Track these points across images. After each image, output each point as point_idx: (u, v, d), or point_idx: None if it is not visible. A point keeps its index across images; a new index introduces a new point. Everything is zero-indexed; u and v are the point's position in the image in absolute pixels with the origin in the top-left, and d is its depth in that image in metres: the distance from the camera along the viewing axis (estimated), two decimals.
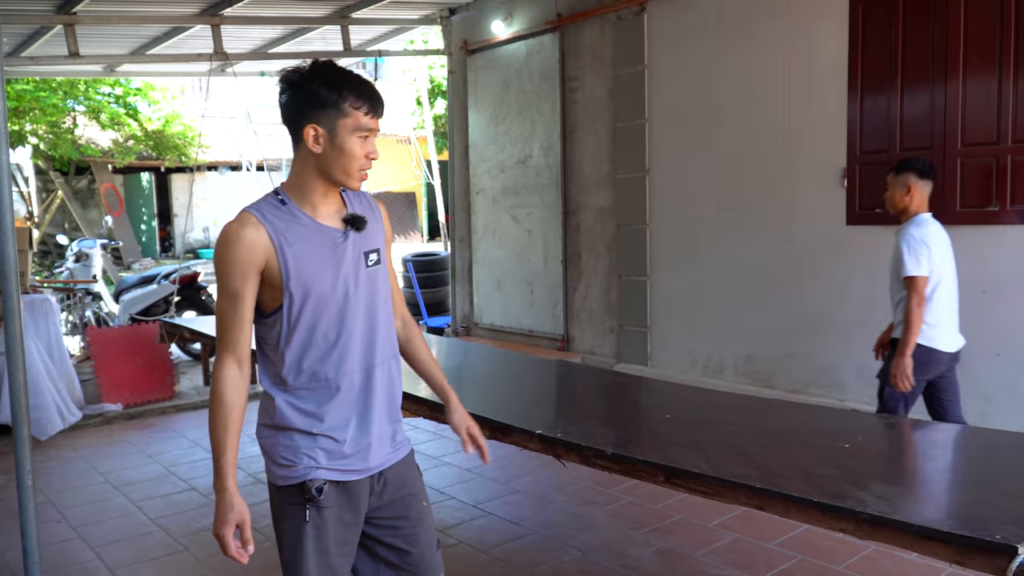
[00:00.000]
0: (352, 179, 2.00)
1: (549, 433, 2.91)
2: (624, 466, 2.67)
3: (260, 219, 1.93)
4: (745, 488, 2.33)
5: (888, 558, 3.64)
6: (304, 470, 2.00)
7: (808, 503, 2.18)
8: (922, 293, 3.79)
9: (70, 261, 9.05)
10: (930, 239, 3.83)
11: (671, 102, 6.49)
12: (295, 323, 1.97)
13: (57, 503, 4.70)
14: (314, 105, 1.93)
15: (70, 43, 7.40)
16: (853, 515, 2.09)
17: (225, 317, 1.95)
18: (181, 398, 7.07)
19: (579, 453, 2.81)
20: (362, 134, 1.96)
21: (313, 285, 1.96)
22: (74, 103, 18.37)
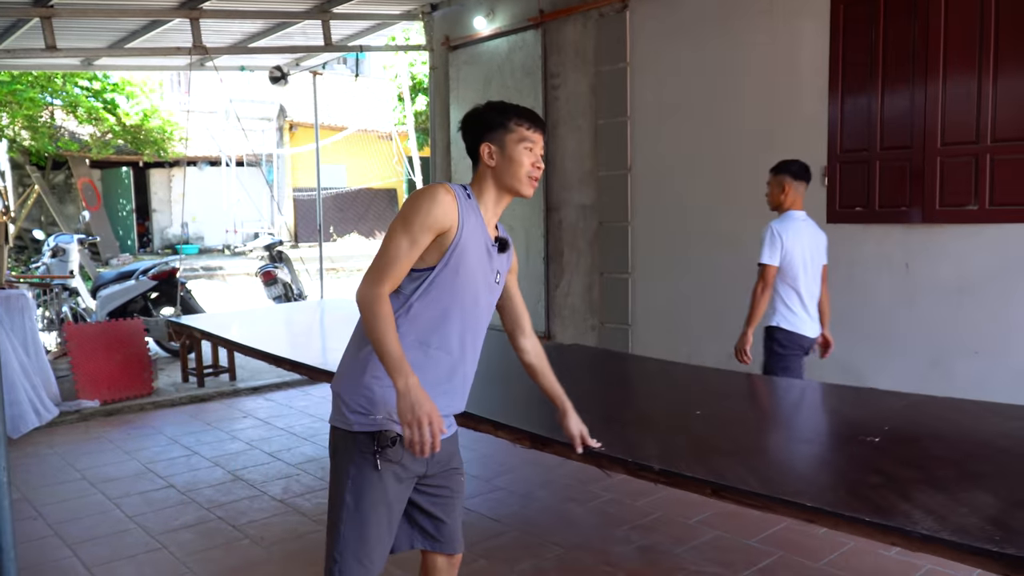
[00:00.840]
0: (522, 184, 2.32)
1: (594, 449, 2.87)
2: (672, 479, 2.65)
3: (457, 195, 2.22)
4: (796, 505, 2.34)
5: (868, 555, 3.68)
6: (382, 421, 2.20)
7: (859, 521, 2.21)
8: (768, 280, 4.26)
9: (47, 256, 8.94)
10: (788, 234, 4.24)
11: (653, 99, 6.50)
12: (434, 286, 2.21)
13: (33, 500, 4.65)
14: (486, 128, 2.32)
15: (47, 36, 7.32)
16: (905, 533, 2.12)
17: (399, 251, 2.15)
18: (159, 394, 7.01)
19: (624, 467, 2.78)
20: (527, 145, 2.30)
21: (463, 266, 2.22)
22: (51, 97, 18.17)
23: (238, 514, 4.43)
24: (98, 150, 20.00)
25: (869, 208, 5.19)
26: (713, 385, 4.06)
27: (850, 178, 5.27)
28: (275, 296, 10.13)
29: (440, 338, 2.25)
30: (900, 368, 5.09)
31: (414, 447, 2.05)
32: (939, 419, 3.20)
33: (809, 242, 4.34)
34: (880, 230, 5.18)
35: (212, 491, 4.79)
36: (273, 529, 4.21)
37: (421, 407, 2.05)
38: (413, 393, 2.06)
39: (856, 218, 5.26)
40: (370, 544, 2.25)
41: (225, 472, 5.14)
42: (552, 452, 3.07)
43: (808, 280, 4.33)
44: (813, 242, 4.37)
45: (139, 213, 23.02)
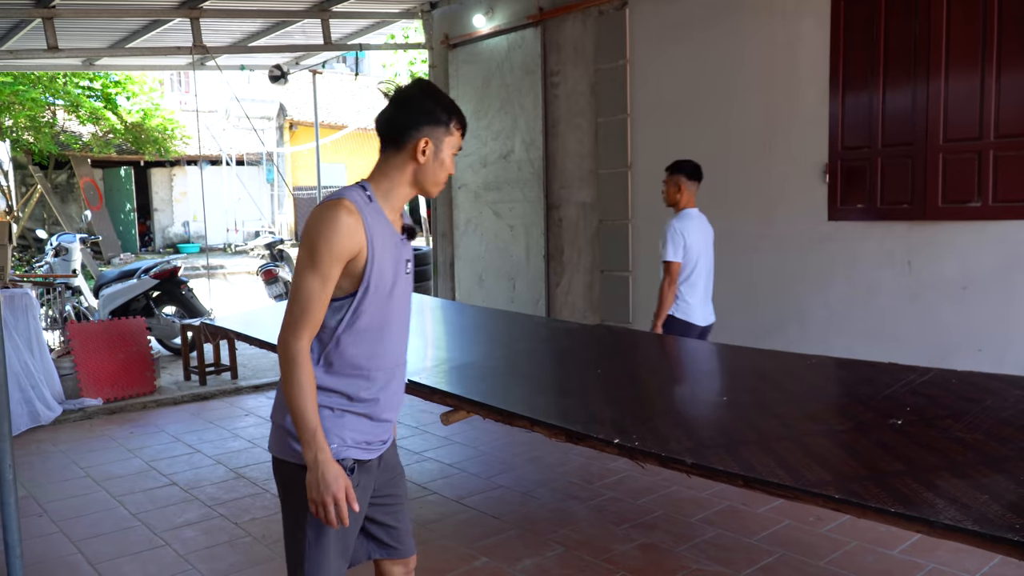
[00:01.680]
0: (438, 188, 2.22)
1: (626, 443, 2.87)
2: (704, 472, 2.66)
3: (359, 210, 2.07)
4: (825, 497, 2.36)
5: (870, 553, 3.68)
6: (336, 449, 2.11)
7: (886, 512, 2.23)
8: (673, 275, 4.61)
9: (50, 255, 8.96)
10: (688, 231, 4.63)
11: (653, 97, 6.51)
12: (360, 312, 2.11)
13: (38, 497, 4.67)
14: (429, 122, 2.13)
15: (49, 37, 7.33)
16: (929, 523, 2.14)
17: (312, 294, 2.04)
18: (161, 393, 7.02)
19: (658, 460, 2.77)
20: (454, 151, 2.20)
21: (382, 281, 2.12)
22: (53, 98, 18.20)
23: (241, 511, 4.44)
24: (99, 149, 20.01)
25: (871, 205, 5.19)
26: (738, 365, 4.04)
27: (851, 175, 5.27)
28: (276, 295, 10.15)
29: (378, 358, 2.17)
30: None
31: (323, 521, 2.03)
32: (961, 396, 3.19)
33: (704, 237, 4.75)
34: (882, 227, 5.18)
35: (215, 489, 4.80)
36: (275, 527, 4.22)
37: (328, 487, 2.00)
38: (322, 469, 2.00)
39: (857, 215, 5.26)
40: (332, 572, 2.19)
41: (227, 470, 5.15)
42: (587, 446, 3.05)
43: (706, 272, 4.76)
44: (707, 237, 4.77)
45: (140, 212, 23.04)
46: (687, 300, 4.70)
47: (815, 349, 5.50)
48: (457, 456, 5.28)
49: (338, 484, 2.01)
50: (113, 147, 20.46)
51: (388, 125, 2.17)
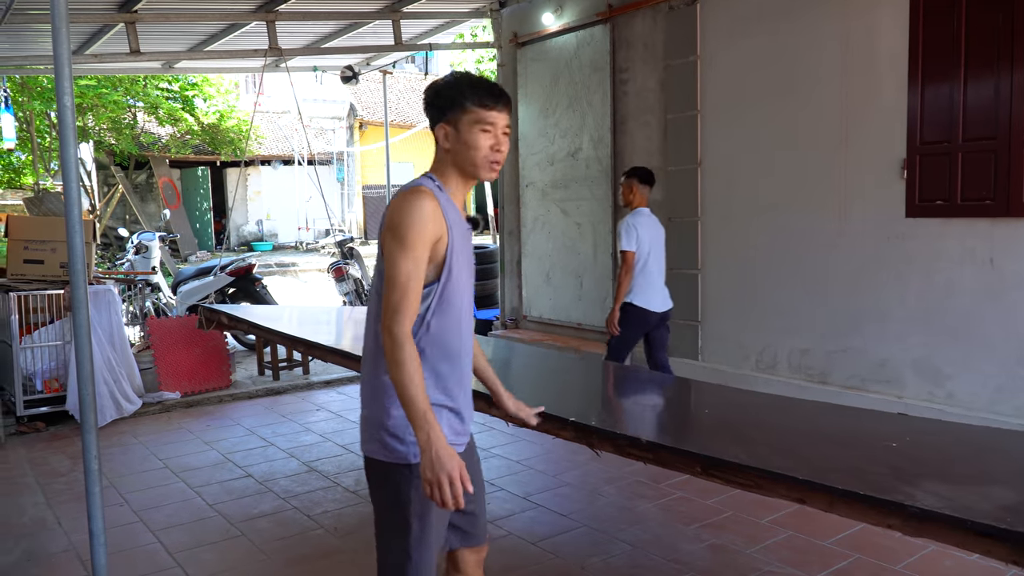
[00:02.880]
0: (481, 169, 2.16)
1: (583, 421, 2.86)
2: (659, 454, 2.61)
3: (436, 195, 2.10)
4: (789, 480, 2.25)
5: (948, 558, 3.57)
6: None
7: (853, 495, 2.10)
8: (629, 264, 5.24)
9: (130, 253, 9.28)
10: (640, 226, 5.28)
11: (724, 93, 6.41)
12: (445, 297, 2.13)
13: (119, 487, 4.84)
14: (442, 107, 2.14)
15: (131, 40, 7.58)
16: (902, 509, 1.99)
17: (408, 276, 2.02)
18: (237, 387, 7.21)
19: (613, 442, 2.76)
20: (484, 127, 2.12)
21: (462, 268, 2.15)
22: (134, 100, 18.82)
23: (312, 504, 4.53)
24: (177, 150, 20.63)
25: (951, 201, 5.02)
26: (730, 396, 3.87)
27: (930, 171, 5.10)
28: (346, 292, 10.30)
29: (460, 343, 2.19)
30: (984, 368, 4.92)
31: (437, 503, 1.99)
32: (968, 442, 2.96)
33: (655, 233, 5.41)
34: (962, 224, 5.00)
35: (288, 481, 4.91)
36: (346, 519, 4.29)
37: (443, 466, 1.96)
38: (435, 449, 1.97)
39: (937, 212, 5.10)
40: (432, 563, 2.20)
41: (300, 463, 5.26)
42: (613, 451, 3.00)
43: (659, 263, 5.40)
44: (657, 233, 5.44)
45: (216, 211, 23.69)
46: (643, 288, 5.32)
47: (893, 349, 5.36)
48: (524, 453, 5.29)
49: (452, 463, 1.97)
50: (190, 148, 21.07)
51: (430, 127, 2.22)
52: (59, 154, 3.38)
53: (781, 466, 2.34)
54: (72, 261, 3.06)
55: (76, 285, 3.09)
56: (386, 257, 2.06)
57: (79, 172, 3.03)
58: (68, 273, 3.10)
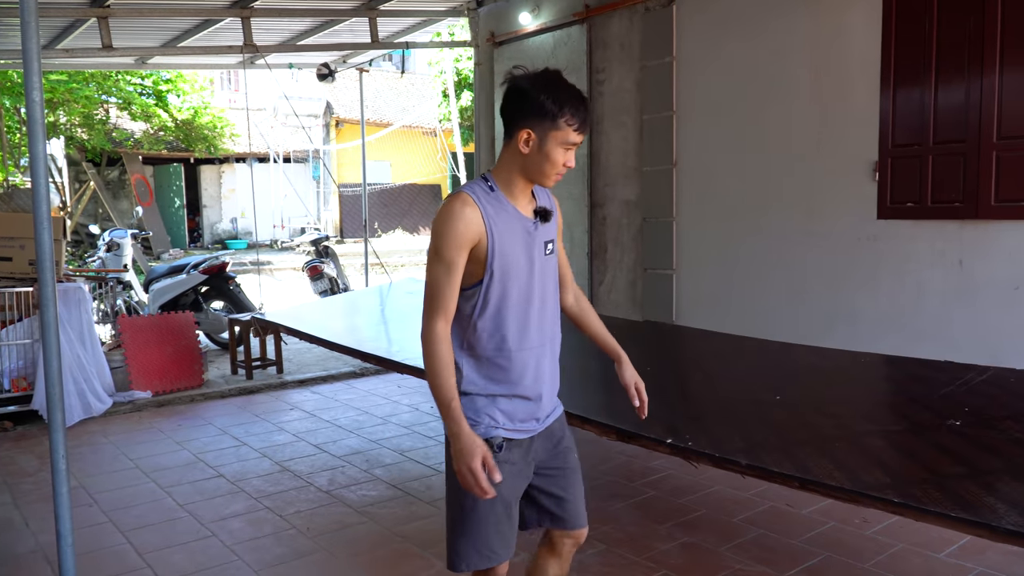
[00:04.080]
0: (547, 180, 2.28)
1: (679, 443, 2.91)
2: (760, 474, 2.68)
3: (476, 201, 2.20)
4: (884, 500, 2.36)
5: (916, 556, 3.62)
6: (486, 428, 2.24)
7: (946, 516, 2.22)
8: None
9: (102, 251, 9.17)
10: None
11: (699, 94, 6.44)
12: (490, 298, 2.23)
13: (88, 488, 4.78)
14: (534, 113, 2.19)
15: (103, 36, 7.49)
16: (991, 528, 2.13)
17: (440, 282, 2.18)
18: (209, 386, 7.15)
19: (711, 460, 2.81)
20: (568, 146, 2.23)
21: (510, 266, 2.23)
22: (106, 95, 18.60)
23: (285, 504, 4.50)
24: (150, 146, 20.42)
25: (921, 204, 5.08)
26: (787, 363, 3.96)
27: (902, 173, 5.16)
28: (321, 290, 10.26)
29: (519, 339, 2.27)
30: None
31: (466, 489, 2.15)
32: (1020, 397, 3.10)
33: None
34: (933, 226, 5.07)
35: (260, 481, 4.87)
36: (319, 520, 4.27)
37: (463, 457, 2.12)
38: (460, 441, 2.13)
39: (908, 214, 5.16)
40: (489, 536, 2.29)
41: (273, 463, 5.22)
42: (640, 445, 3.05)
43: None
44: None
45: (190, 208, 23.46)
46: None
47: (864, 349, 5.40)
48: None
49: (473, 455, 2.11)
50: (164, 144, 20.86)
51: (502, 115, 2.27)
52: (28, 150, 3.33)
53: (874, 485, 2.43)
54: (40, 258, 3.02)
55: (44, 282, 3.05)
56: (427, 262, 2.22)
57: (49, 168, 2.99)
58: (36, 270, 3.06)
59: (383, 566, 3.71)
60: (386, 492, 4.66)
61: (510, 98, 2.24)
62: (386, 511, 4.36)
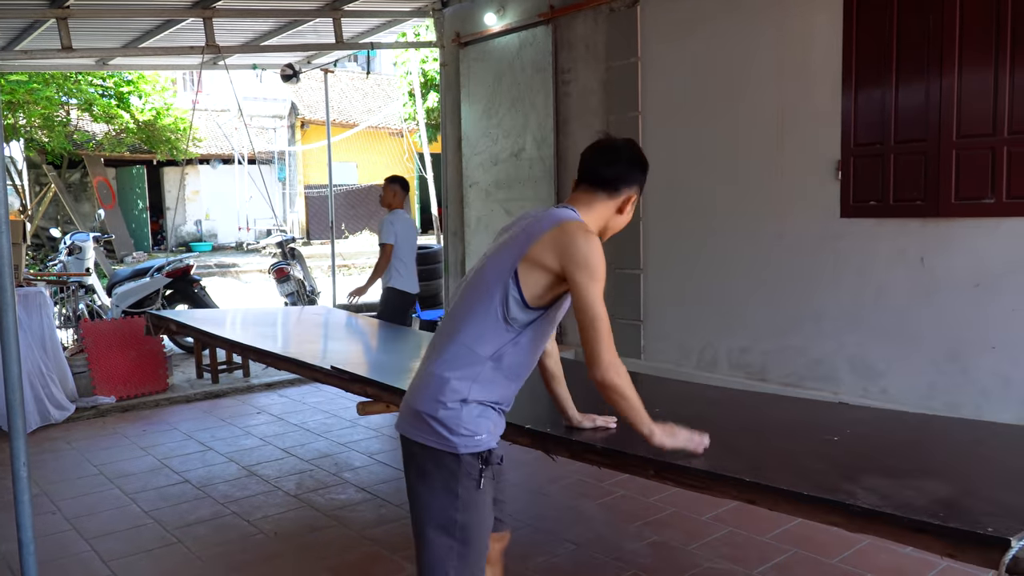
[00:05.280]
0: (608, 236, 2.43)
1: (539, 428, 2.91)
2: (615, 460, 2.65)
3: None
4: (735, 481, 2.32)
5: (883, 552, 3.66)
6: (486, 440, 2.22)
7: (798, 496, 2.17)
8: (388, 254, 6.46)
9: (63, 254, 9.01)
10: (396, 223, 6.57)
11: (664, 95, 6.48)
12: (545, 321, 2.28)
13: (51, 495, 4.69)
14: (640, 182, 2.42)
15: (63, 37, 7.36)
16: (845, 508, 2.08)
17: (604, 310, 2.18)
18: (174, 391, 7.06)
19: (568, 449, 2.80)
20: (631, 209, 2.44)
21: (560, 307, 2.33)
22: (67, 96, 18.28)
23: (253, 509, 4.46)
24: (112, 148, 20.10)
25: (883, 202, 5.16)
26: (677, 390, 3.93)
27: (864, 172, 5.23)
28: (288, 293, 10.16)
29: (533, 361, 2.35)
30: (916, 364, 5.06)
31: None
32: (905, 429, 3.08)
33: (410, 229, 6.70)
34: (895, 224, 5.14)
35: (227, 486, 4.82)
36: (287, 524, 4.23)
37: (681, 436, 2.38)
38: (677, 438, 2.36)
39: (870, 212, 5.23)
40: (483, 552, 2.29)
41: (240, 468, 5.17)
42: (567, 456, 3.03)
43: (411, 254, 6.66)
44: (412, 230, 6.75)
45: (153, 211, 23.15)
46: (401, 274, 6.55)
47: (828, 346, 5.48)
48: None
49: (680, 433, 2.38)
50: (126, 146, 20.54)
51: (611, 170, 2.36)
52: None
53: (730, 468, 2.39)
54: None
55: (3, 287, 2.98)
56: (585, 288, 2.16)
57: (8, 171, 2.93)
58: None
59: (352, 570, 3.69)
60: (355, 495, 4.63)
61: (633, 161, 2.39)
62: (355, 515, 4.33)
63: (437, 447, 2.19)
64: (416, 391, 2.26)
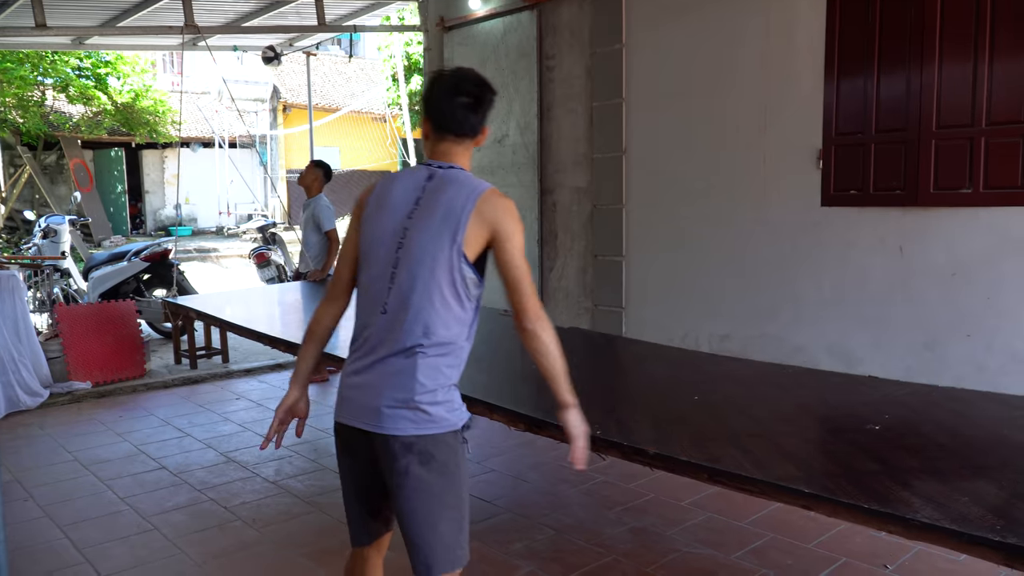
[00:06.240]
0: None
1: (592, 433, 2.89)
2: (667, 463, 2.66)
3: None
4: (794, 492, 2.35)
5: (858, 535, 3.69)
6: (464, 411, 2.28)
7: (859, 508, 2.22)
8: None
9: (38, 237, 8.90)
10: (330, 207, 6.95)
11: (649, 81, 6.46)
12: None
13: (24, 482, 4.64)
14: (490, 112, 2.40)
15: (36, 14, 7.22)
16: (904, 521, 2.14)
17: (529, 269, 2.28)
18: (152, 376, 6.99)
19: (620, 450, 2.78)
20: None
21: None
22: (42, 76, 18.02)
23: (231, 496, 4.42)
24: (89, 130, 19.84)
25: (864, 191, 5.17)
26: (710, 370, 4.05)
27: (845, 161, 5.25)
28: (268, 278, 10.10)
29: None
30: (894, 351, 5.10)
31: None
32: (940, 407, 3.18)
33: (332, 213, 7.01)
34: (874, 213, 5.16)
35: (204, 473, 4.78)
36: (266, 511, 4.21)
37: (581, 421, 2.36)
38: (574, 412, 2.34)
39: (851, 201, 5.24)
40: None
41: (217, 454, 5.13)
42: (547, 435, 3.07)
43: None
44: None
45: (131, 194, 22.90)
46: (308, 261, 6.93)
47: (808, 334, 5.51)
48: None
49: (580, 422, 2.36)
50: (104, 129, 20.28)
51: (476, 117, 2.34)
52: None
53: (784, 475, 2.44)
54: None
55: None
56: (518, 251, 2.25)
57: None
58: None
59: (330, 557, 3.66)
60: (334, 482, 4.60)
61: (489, 99, 2.35)
62: (334, 501, 4.31)
63: (438, 431, 2.19)
64: (392, 387, 2.18)
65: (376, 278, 2.24)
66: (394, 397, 2.17)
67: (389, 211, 2.27)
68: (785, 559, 3.53)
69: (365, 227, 2.31)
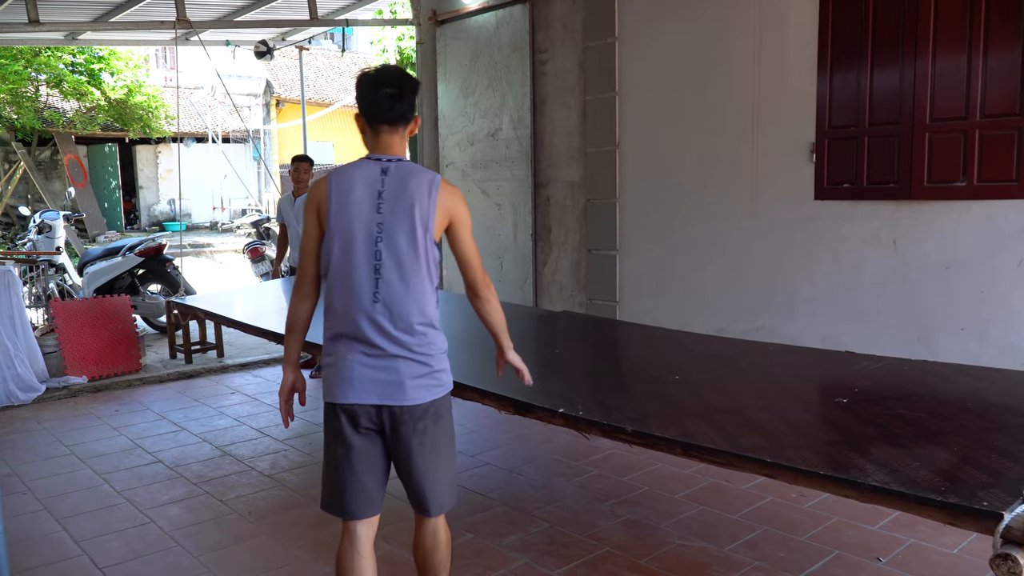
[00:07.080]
0: None
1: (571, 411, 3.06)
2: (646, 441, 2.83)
3: None
4: (757, 461, 2.51)
5: (850, 528, 3.72)
6: None
7: (814, 475, 2.38)
8: None
9: (33, 233, 8.88)
10: None
11: (642, 75, 6.47)
12: None
13: (22, 475, 4.65)
14: None
15: (30, 10, 7.22)
16: (857, 485, 2.28)
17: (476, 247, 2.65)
18: (147, 371, 7.00)
19: (600, 428, 2.96)
20: None
21: None
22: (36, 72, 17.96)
23: (226, 489, 4.44)
24: (83, 126, 19.79)
25: (857, 184, 5.19)
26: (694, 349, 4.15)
27: (838, 154, 5.26)
28: (262, 273, 10.10)
29: None
30: (887, 344, 5.12)
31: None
32: (909, 380, 3.37)
33: None
34: (868, 207, 5.18)
35: (200, 466, 4.79)
36: (261, 503, 4.22)
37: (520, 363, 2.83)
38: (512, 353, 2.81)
39: (844, 195, 5.27)
40: None
41: (213, 448, 5.14)
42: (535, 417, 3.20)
43: None
44: None
45: (125, 190, 22.85)
46: None
47: (802, 326, 5.53)
48: None
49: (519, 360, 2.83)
50: (98, 124, 20.23)
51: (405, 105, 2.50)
52: None
53: (752, 447, 2.60)
54: None
55: None
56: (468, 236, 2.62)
57: None
58: None
59: (326, 548, 3.68)
60: None
61: (411, 88, 2.51)
62: None
63: (445, 392, 2.57)
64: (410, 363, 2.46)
65: (358, 271, 2.43)
66: (413, 372, 2.46)
67: (355, 207, 2.44)
68: (778, 552, 3.56)
69: (333, 224, 2.45)
